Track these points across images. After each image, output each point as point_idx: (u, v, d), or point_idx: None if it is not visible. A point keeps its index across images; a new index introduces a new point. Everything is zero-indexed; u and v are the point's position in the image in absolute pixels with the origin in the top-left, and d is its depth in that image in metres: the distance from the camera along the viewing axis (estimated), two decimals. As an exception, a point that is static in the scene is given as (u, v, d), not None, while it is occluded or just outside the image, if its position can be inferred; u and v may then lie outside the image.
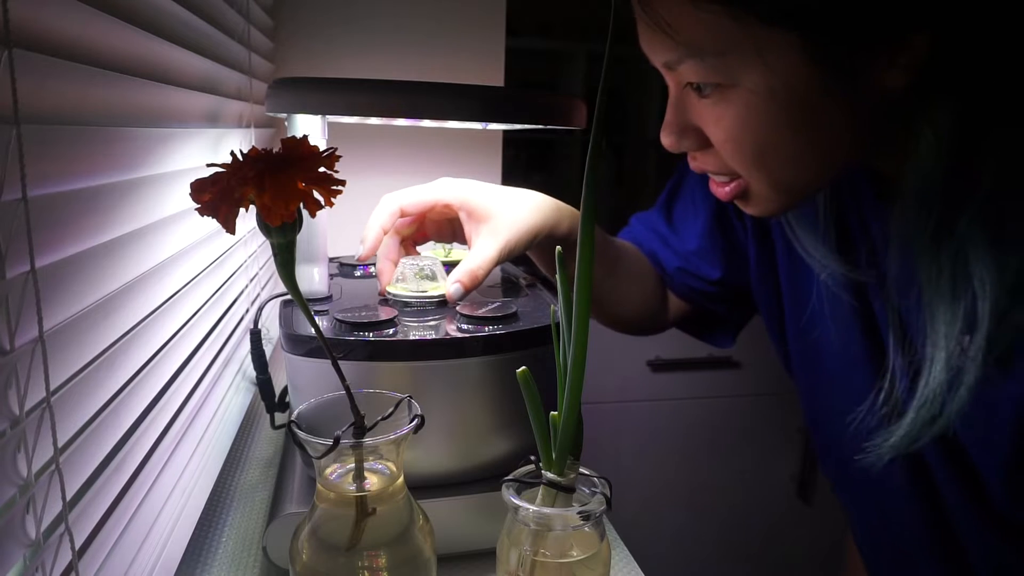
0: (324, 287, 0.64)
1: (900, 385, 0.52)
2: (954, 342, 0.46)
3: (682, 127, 0.50)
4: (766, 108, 0.44)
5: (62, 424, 0.34)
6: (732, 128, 0.46)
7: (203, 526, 0.61)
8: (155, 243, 0.48)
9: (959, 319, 0.45)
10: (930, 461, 0.54)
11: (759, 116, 0.45)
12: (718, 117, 0.47)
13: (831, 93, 0.43)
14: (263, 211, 0.33)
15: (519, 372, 0.42)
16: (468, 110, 0.58)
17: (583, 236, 0.40)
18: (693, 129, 0.50)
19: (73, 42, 0.36)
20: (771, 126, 0.45)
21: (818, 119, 0.45)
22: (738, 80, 0.44)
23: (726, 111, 0.46)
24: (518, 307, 0.60)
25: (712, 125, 0.48)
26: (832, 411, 0.62)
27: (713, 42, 0.43)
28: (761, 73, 0.43)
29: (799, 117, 0.44)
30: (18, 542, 0.31)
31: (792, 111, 0.44)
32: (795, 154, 0.46)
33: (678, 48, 0.45)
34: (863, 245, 0.56)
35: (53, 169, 0.34)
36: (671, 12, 0.44)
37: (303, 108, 0.56)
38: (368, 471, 0.40)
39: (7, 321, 0.30)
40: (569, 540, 0.42)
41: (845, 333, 0.59)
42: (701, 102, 0.48)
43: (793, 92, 0.43)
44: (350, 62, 1.08)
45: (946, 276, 0.45)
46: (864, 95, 0.44)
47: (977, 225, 0.44)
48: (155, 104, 0.49)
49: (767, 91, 0.43)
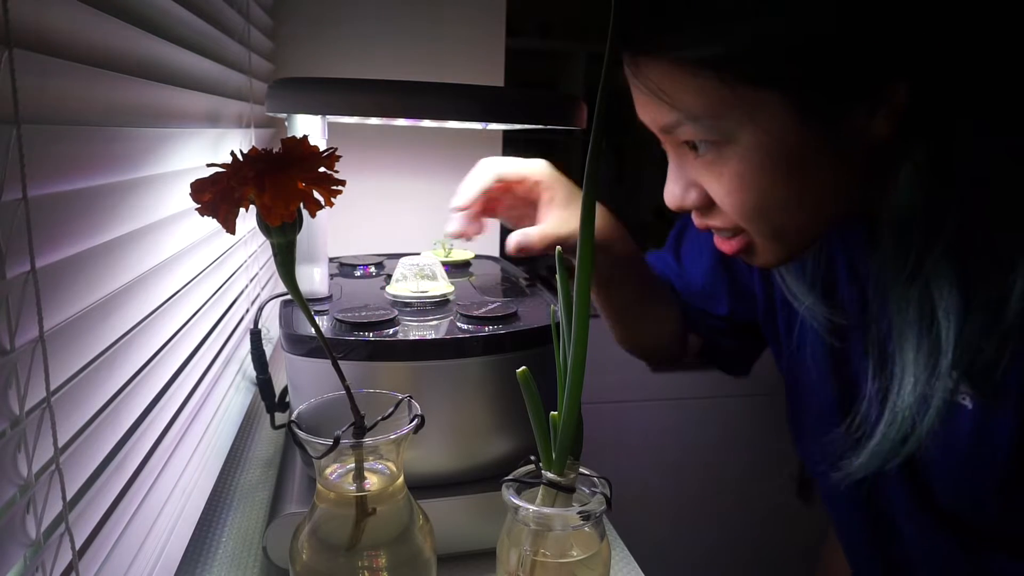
0: (324, 287, 0.64)
1: (873, 411, 0.54)
2: (921, 368, 0.48)
3: (685, 186, 0.52)
4: (761, 163, 0.46)
5: (62, 424, 0.34)
6: (731, 183, 0.48)
7: (203, 526, 0.61)
8: (155, 243, 0.48)
9: (926, 347, 0.48)
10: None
11: (756, 171, 0.47)
12: (717, 174, 0.49)
13: (821, 145, 0.46)
14: (263, 211, 0.33)
15: (519, 372, 0.42)
16: (468, 110, 0.58)
17: (583, 236, 0.40)
18: (695, 187, 0.52)
19: (73, 42, 0.36)
20: (768, 179, 0.47)
21: (811, 170, 0.47)
22: (733, 138, 0.46)
23: (724, 168, 0.48)
24: (518, 307, 0.60)
25: (712, 182, 0.49)
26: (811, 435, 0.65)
27: (707, 106, 0.46)
28: (754, 132, 0.45)
29: (793, 169, 0.46)
30: (18, 542, 0.31)
31: (786, 164, 0.46)
32: (793, 204, 0.48)
33: (673, 113, 0.47)
34: (851, 288, 0.58)
35: (53, 169, 0.34)
36: (665, 80, 0.46)
37: (303, 108, 0.56)
38: (368, 471, 0.40)
39: (7, 321, 0.30)
40: (569, 540, 0.42)
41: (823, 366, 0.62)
42: (699, 160, 0.49)
43: (785, 147, 0.46)
44: (350, 62, 1.08)
45: (914, 306, 0.48)
46: (852, 144, 0.46)
47: (944, 260, 0.46)
48: (155, 104, 0.49)
49: (761, 147, 0.46)
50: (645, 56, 0.47)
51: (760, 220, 0.49)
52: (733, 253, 0.54)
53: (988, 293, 0.46)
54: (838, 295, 0.59)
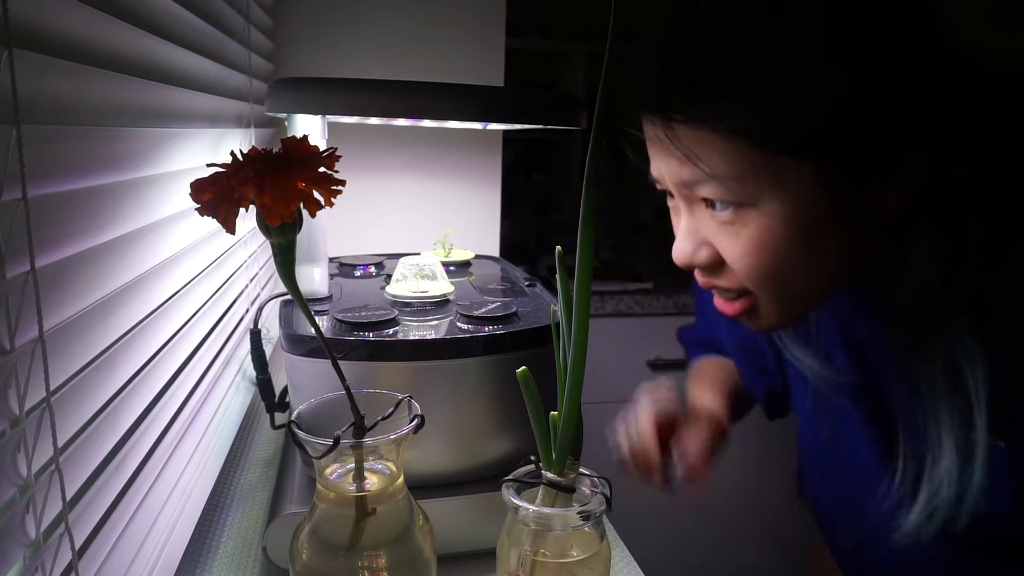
0: (324, 287, 0.64)
1: (909, 475, 0.55)
2: (959, 430, 0.49)
3: (696, 244, 0.51)
4: (781, 229, 0.47)
5: (62, 424, 0.34)
6: (748, 245, 0.48)
7: (203, 526, 0.61)
8: (155, 243, 0.48)
9: (959, 409, 0.49)
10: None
11: (775, 236, 0.47)
12: (734, 234, 0.49)
13: (839, 215, 0.47)
14: (263, 211, 0.33)
15: (519, 372, 0.42)
16: (468, 110, 0.58)
17: (583, 236, 0.40)
18: (707, 245, 0.51)
19: (73, 42, 0.36)
20: (785, 244, 0.47)
21: (827, 238, 0.48)
22: (755, 201, 0.47)
23: (742, 230, 0.48)
24: (518, 307, 0.60)
25: (727, 242, 0.49)
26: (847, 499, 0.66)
27: (735, 169, 0.46)
28: (778, 197, 0.46)
29: (810, 237, 0.47)
30: (18, 542, 0.31)
31: (805, 231, 0.47)
32: (804, 271, 0.49)
33: (697, 171, 0.47)
34: (845, 353, 0.59)
35: (53, 169, 0.34)
36: (697, 144, 0.46)
37: (303, 108, 0.56)
38: (368, 471, 0.40)
39: (7, 321, 0.30)
40: (569, 540, 0.42)
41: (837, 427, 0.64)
42: (716, 219, 0.49)
43: (806, 214, 0.46)
44: (350, 62, 1.08)
45: (940, 373, 0.49)
46: (866, 217, 0.48)
47: (964, 326, 0.48)
48: (155, 104, 0.49)
49: (782, 213, 0.46)
50: (679, 122, 0.47)
51: (770, 283, 0.50)
52: (735, 315, 0.53)
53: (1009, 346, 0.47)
54: (834, 361, 0.61)
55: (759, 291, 0.51)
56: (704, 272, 0.52)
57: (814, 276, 0.50)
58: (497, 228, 1.20)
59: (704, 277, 0.53)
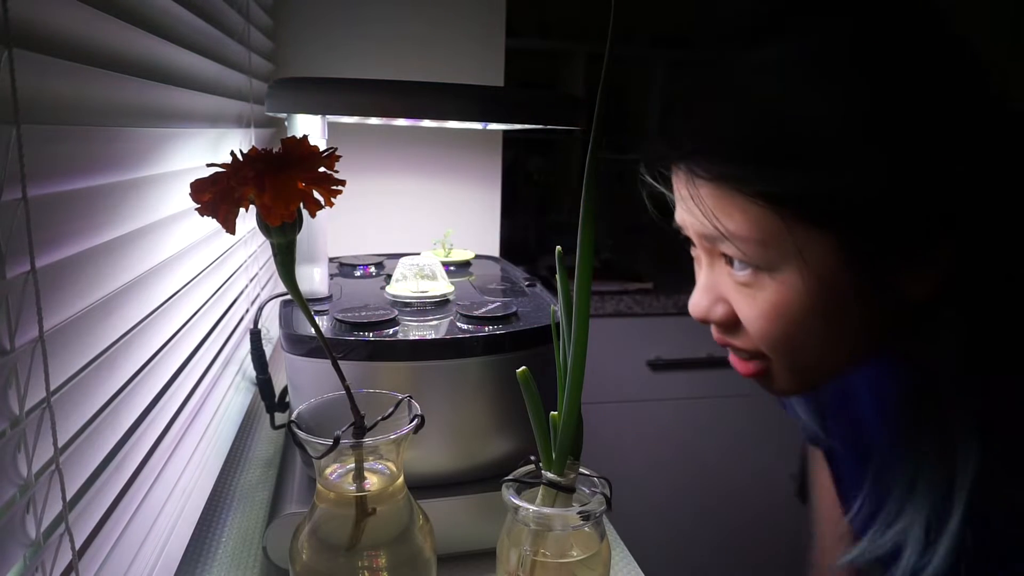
0: (324, 287, 0.64)
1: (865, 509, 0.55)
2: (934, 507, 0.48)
3: (713, 300, 0.50)
4: (799, 297, 0.45)
5: (62, 424, 0.34)
6: (764, 309, 0.47)
7: (203, 526, 0.61)
8: (155, 243, 0.48)
9: (939, 492, 0.47)
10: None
11: (792, 304, 0.46)
12: (751, 296, 0.47)
13: (861, 293, 0.45)
14: (263, 211, 0.33)
15: (519, 372, 0.42)
16: (468, 110, 0.58)
17: (583, 236, 0.40)
18: (724, 302, 0.50)
19: (73, 42, 0.36)
20: (802, 314, 0.46)
21: (847, 313, 0.46)
22: (776, 269, 0.45)
23: (759, 292, 0.47)
24: (518, 307, 0.60)
25: (744, 303, 0.48)
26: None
27: (757, 233, 0.44)
28: (798, 267, 0.44)
29: (829, 310, 0.45)
30: (18, 542, 0.31)
31: (823, 303, 0.45)
32: (822, 342, 0.47)
33: (719, 232, 0.46)
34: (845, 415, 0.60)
35: (53, 169, 0.34)
36: (719, 203, 0.45)
37: (303, 108, 0.56)
38: (368, 471, 0.40)
39: (7, 321, 0.30)
40: (569, 540, 0.42)
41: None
42: (734, 277, 0.48)
43: (827, 287, 0.45)
44: (350, 62, 1.08)
45: (933, 448, 0.48)
46: (890, 298, 0.46)
47: (965, 409, 0.46)
48: (155, 104, 0.49)
49: (802, 283, 0.45)
50: (703, 179, 0.45)
51: (785, 351, 0.48)
52: (748, 375, 0.52)
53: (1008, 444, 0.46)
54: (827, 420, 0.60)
55: (773, 356, 0.49)
56: (719, 329, 0.51)
57: (832, 349, 0.48)
58: (497, 228, 1.20)
59: (719, 334, 0.52)
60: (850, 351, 0.49)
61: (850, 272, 0.44)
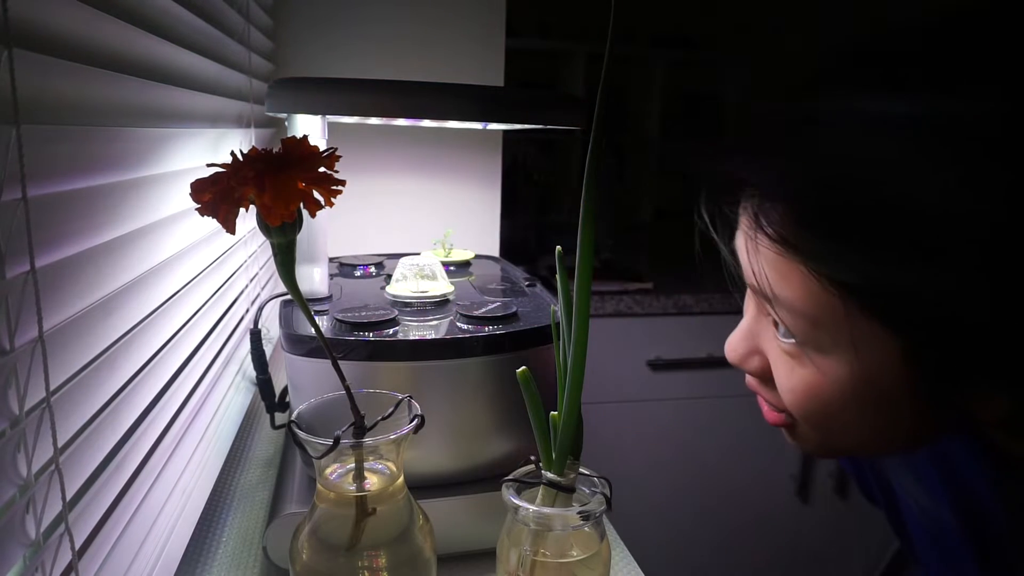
0: (324, 287, 0.64)
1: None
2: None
3: (751, 349, 0.47)
4: (841, 386, 0.41)
5: (62, 424, 0.34)
6: (801, 385, 0.42)
7: (203, 526, 0.61)
8: (155, 243, 0.48)
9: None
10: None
11: (831, 389, 0.41)
12: (790, 367, 0.43)
13: (912, 397, 0.39)
14: (263, 211, 0.33)
15: (519, 372, 0.42)
16: (468, 110, 0.58)
17: (583, 236, 0.40)
18: (761, 356, 0.46)
19: (73, 42, 0.36)
20: (840, 403, 0.41)
21: (892, 412, 0.41)
22: (823, 350, 0.40)
23: (800, 368, 0.42)
24: (518, 307, 0.60)
25: (782, 371, 0.44)
26: None
27: (811, 308, 0.39)
28: (848, 358, 0.39)
29: (870, 405, 0.41)
30: (18, 542, 0.31)
31: (866, 399, 0.40)
32: (857, 430, 0.43)
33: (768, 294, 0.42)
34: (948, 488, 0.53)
35: (53, 169, 0.34)
36: (778, 261, 0.40)
37: (303, 108, 0.56)
38: (368, 471, 0.40)
39: (7, 321, 0.30)
40: (569, 540, 0.42)
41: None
42: (777, 340, 0.44)
43: (873, 384, 0.40)
44: (350, 62, 1.08)
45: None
46: (945, 409, 0.40)
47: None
48: (155, 104, 0.49)
49: (848, 373, 0.40)
50: (767, 236, 0.39)
51: (816, 427, 0.44)
52: (774, 424, 0.49)
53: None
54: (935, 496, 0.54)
55: (802, 425, 0.45)
56: (753, 379, 0.48)
57: (867, 437, 0.44)
58: (497, 228, 1.20)
59: (752, 382, 0.49)
60: (886, 443, 0.45)
61: (909, 376, 0.38)
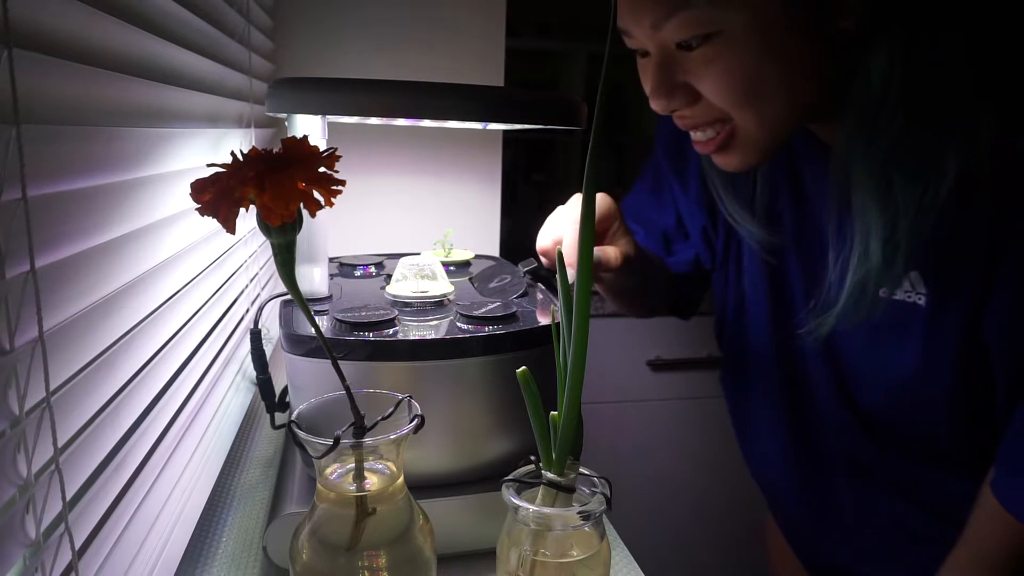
0: (324, 287, 0.64)
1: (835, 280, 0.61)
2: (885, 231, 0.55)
3: (670, 87, 0.56)
4: (750, 47, 0.52)
5: (62, 424, 0.34)
6: (722, 71, 0.53)
7: (203, 526, 0.61)
8: (155, 243, 0.48)
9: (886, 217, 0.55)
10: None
11: (745, 55, 0.52)
12: (707, 64, 0.53)
13: (801, 30, 0.52)
14: (263, 211, 0.33)
15: (519, 372, 0.42)
16: (468, 110, 0.58)
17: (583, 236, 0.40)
18: (681, 86, 0.56)
19: (73, 42, 0.36)
20: (756, 61, 0.52)
21: (792, 52, 0.53)
22: (723, 25, 0.51)
23: (715, 57, 0.53)
24: (518, 307, 0.60)
25: (702, 74, 0.54)
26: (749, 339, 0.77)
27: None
28: (744, 15, 0.51)
29: (778, 51, 0.52)
30: (18, 542, 0.31)
31: (771, 47, 0.52)
32: (776, 86, 0.54)
33: (667, 3, 0.51)
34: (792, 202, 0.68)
35: (53, 169, 0.34)
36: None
37: (303, 108, 0.56)
38: (368, 471, 0.40)
39: (7, 321, 0.30)
40: (569, 540, 0.42)
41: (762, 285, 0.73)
42: (688, 57, 0.54)
43: (771, 29, 0.51)
44: (350, 62, 1.08)
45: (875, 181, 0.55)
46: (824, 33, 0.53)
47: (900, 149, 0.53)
48: (155, 104, 0.49)
49: (750, 31, 0.51)
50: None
51: (748, 104, 0.54)
52: (713, 150, 0.59)
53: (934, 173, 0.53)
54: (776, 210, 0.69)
55: (737, 114, 0.55)
56: (683, 111, 0.57)
57: (786, 94, 0.54)
58: (497, 228, 1.20)
59: (683, 119, 0.58)
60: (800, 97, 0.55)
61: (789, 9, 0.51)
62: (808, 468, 0.75)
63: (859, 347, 0.65)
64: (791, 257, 0.70)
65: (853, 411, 0.68)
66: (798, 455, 0.76)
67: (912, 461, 0.66)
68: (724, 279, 0.80)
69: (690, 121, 0.58)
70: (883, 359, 0.63)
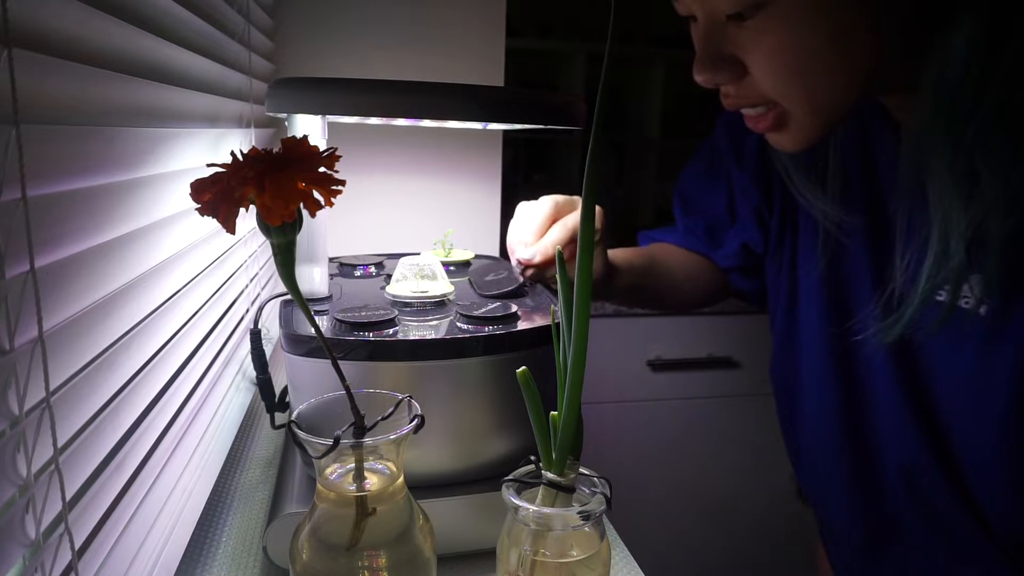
0: (324, 287, 0.64)
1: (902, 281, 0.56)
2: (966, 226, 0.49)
3: (716, 59, 0.51)
4: (805, 23, 0.47)
5: (62, 424, 0.34)
6: (774, 47, 0.48)
7: (203, 526, 0.61)
8: (155, 243, 0.48)
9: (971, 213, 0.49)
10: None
11: (799, 31, 0.47)
12: (758, 39, 0.49)
13: (862, 6, 0.47)
14: (263, 211, 0.33)
15: (519, 372, 0.42)
16: (468, 110, 0.58)
17: (583, 236, 0.40)
18: (728, 60, 0.51)
19: (73, 42, 0.36)
20: (811, 40, 0.48)
21: (851, 32, 0.48)
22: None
23: (766, 30, 0.48)
24: (518, 307, 0.60)
25: (752, 47, 0.49)
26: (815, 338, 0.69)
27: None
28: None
29: (835, 30, 0.47)
30: (18, 542, 0.31)
31: (828, 24, 0.47)
32: (831, 68, 0.49)
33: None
34: (864, 182, 0.62)
35: (53, 169, 0.34)
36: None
37: (303, 108, 0.56)
38: (368, 471, 0.40)
39: (7, 321, 0.30)
40: (569, 540, 0.42)
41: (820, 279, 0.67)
42: (738, 29, 0.49)
43: (829, 5, 0.47)
44: (350, 62, 1.08)
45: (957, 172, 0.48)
46: (893, 9, 0.48)
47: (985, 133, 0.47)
48: (155, 104, 0.49)
49: (806, 5, 0.46)
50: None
51: (799, 85, 0.50)
52: (766, 130, 0.54)
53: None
54: (852, 188, 0.62)
55: (787, 96, 0.51)
56: (727, 93, 0.53)
57: (841, 74, 0.49)
58: (497, 228, 1.20)
59: (729, 98, 0.54)
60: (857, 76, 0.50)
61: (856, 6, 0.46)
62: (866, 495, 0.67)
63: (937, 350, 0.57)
64: (858, 246, 0.62)
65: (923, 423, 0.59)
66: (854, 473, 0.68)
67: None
68: (777, 267, 0.74)
69: (734, 100, 0.54)
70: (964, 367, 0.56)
